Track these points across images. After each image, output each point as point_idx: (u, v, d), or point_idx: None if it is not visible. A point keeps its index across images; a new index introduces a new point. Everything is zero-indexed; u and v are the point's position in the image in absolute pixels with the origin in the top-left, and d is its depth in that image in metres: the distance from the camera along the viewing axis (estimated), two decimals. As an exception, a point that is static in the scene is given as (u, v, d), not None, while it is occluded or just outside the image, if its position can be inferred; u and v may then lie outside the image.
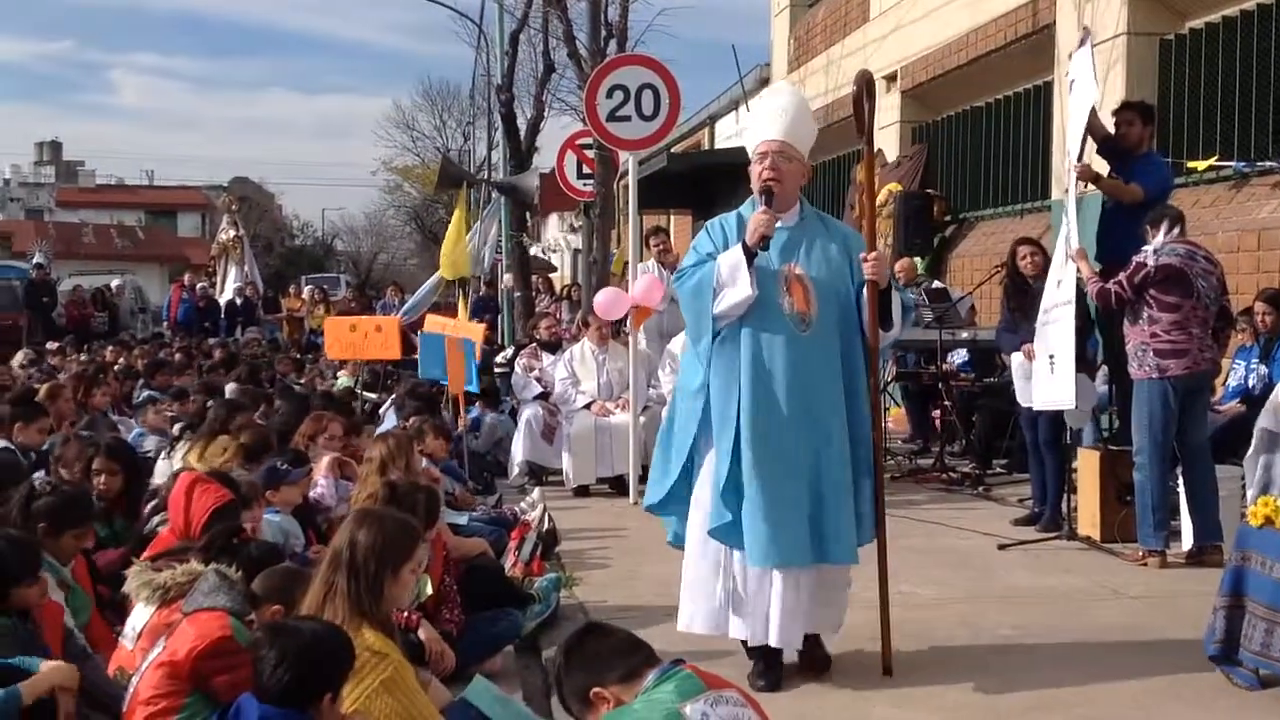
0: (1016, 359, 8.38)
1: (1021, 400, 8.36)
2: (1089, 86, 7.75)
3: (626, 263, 11.18)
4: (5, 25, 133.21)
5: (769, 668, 5.30)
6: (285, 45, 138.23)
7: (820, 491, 5.19)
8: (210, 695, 4.05)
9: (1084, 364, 8.14)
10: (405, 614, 5.28)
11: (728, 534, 5.22)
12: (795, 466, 5.17)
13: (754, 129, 5.46)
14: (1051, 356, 7.64)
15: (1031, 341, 8.10)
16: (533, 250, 28.63)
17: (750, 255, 5.18)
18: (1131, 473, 7.57)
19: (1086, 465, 8.18)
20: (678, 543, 5.58)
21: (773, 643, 5.24)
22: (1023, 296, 8.59)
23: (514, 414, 11.85)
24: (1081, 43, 7.86)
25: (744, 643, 5.38)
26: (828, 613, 5.38)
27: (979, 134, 14.76)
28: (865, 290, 5.30)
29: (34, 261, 28.97)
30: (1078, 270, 7.54)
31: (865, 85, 5.52)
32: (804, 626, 5.30)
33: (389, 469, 6.58)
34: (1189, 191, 10.45)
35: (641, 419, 10.15)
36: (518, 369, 11.62)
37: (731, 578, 5.27)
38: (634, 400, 10.07)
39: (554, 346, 11.81)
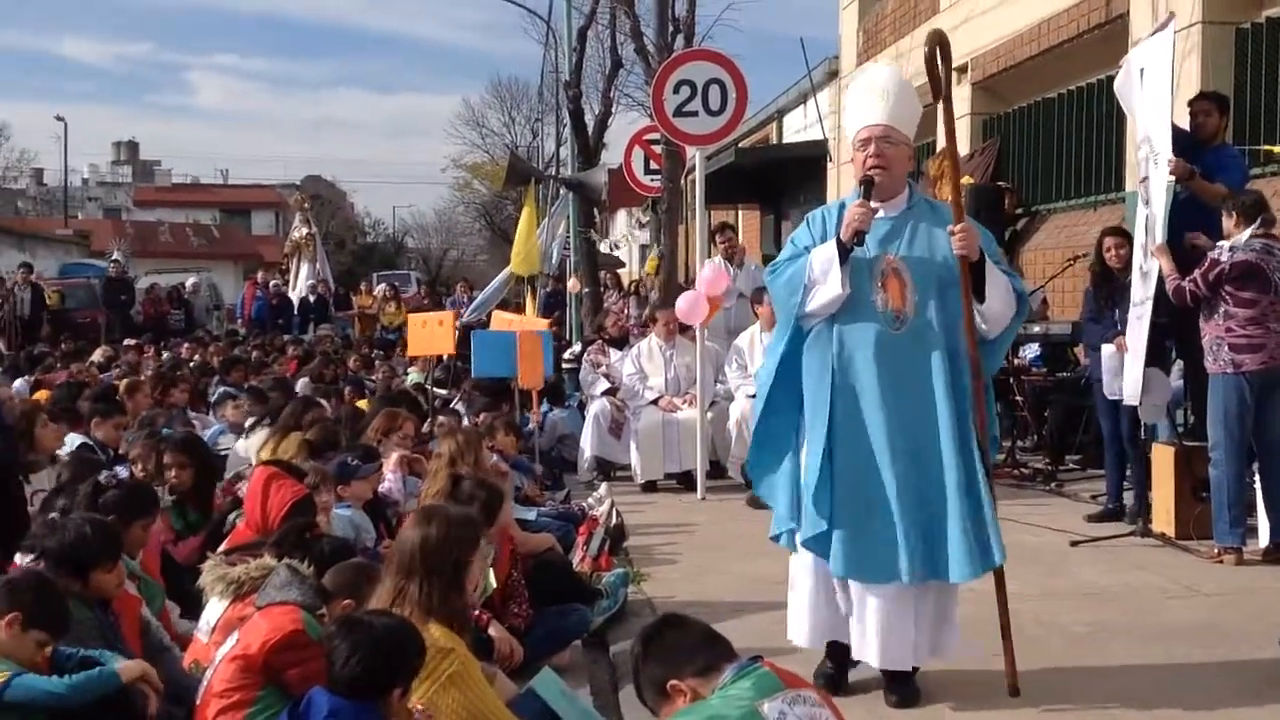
0: (1107, 350, 8.29)
1: (1108, 393, 8.30)
2: (1167, 74, 7.61)
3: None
4: (87, 28, 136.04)
5: (838, 668, 5.10)
6: (358, 45, 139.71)
7: (928, 503, 4.82)
8: (282, 688, 4.11)
9: (1162, 359, 8.08)
10: (476, 613, 5.33)
11: (820, 544, 4.92)
12: (889, 477, 4.81)
13: (854, 113, 5.06)
14: (1137, 350, 7.63)
15: (1119, 332, 8.11)
16: (601, 246, 28.67)
17: (844, 251, 4.84)
18: (1207, 468, 7.47)
19: (1161, 461, 8.07)
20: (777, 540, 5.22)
21: (875, 664, 4.93)
22: (1109, 287, 8.52)
23: (581, 410, 11.89)
24: (1162, 27, 7.73)
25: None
26: (938, 637, 4.97)
27: (1051, 126, 14.56)
28: (958, 268, 4.88)
29: (112, 259, 29.46)
30: (1159, 266, 7.48)
31: (939, 45, 5.04)
32: (914, 649, 4.92)
33: (458, 465, 6.64)
34: (1266, 182, 10.25)
35: (709, 414, 10.15)
36: (585, 365, 11.65)
37: (835, 589, 4.97)
38: (701, 396, 10.06)
39: (621, 342, 11.84)
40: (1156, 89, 7.71)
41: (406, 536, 4.35)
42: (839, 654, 5.11)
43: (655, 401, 10.57)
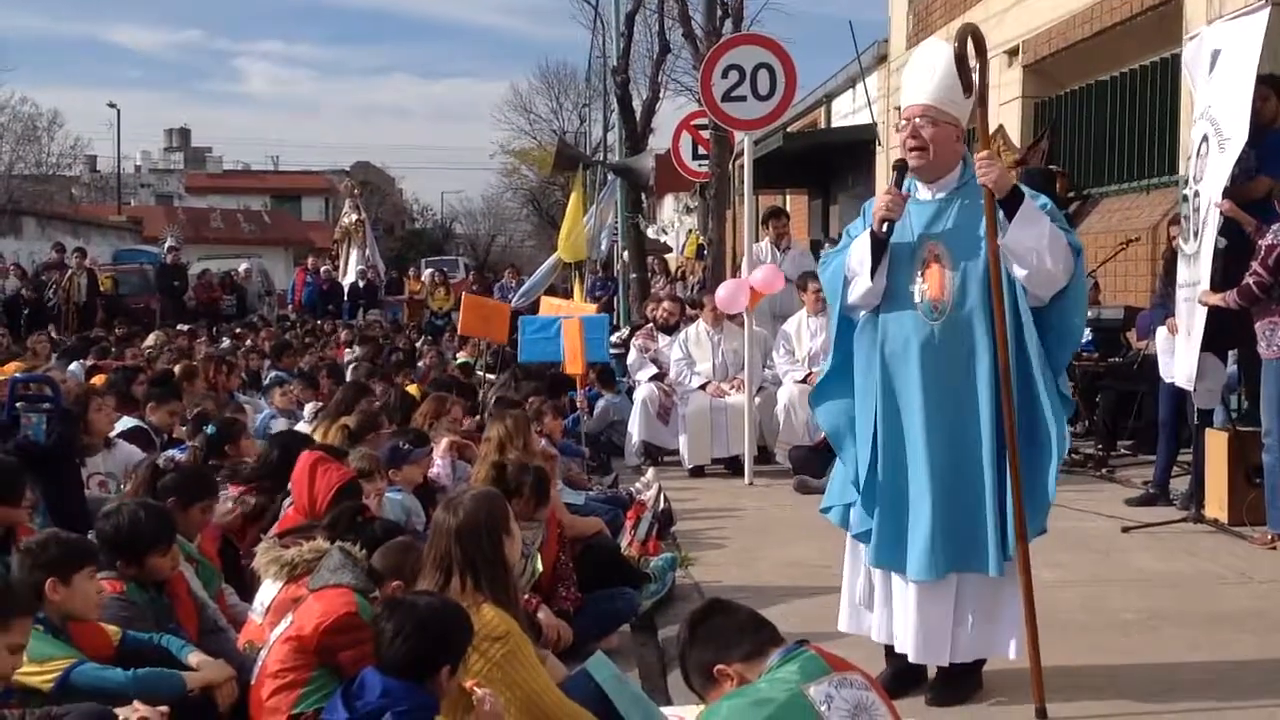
0: (1161, 333, 8.28)
1: (1164, 375, 8.29)
2: (1253, 59, 7.43)
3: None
4: (138, 16, 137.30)
5: (896, 674, 4.92)
6: (407, 31, 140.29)
7: (966, 496, 4.71)
8: (336, 669, 4.17)
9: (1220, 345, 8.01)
10: (525, 597, 5.36)
11: (867, 539, 4.89)
12: (923, 471, 4.71)
13: (903, 92, 4.87)
14: (1190, 333, 7.56)
15: (1170, 314, 8.07)
16: (649, 231, 28.68)
17: (877, 240, 4.67)
18: (1260, 454, 7.39)
19: (1215, 446, 8.00)
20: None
21: (912, 658, 4.83)
22: (1174, 274, 8.47)
23: (630, 394, 11.90)
24: (1251, 10, 7.58)
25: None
26: (983, 633, 4.83)
27: (1103, 109, 14.41)
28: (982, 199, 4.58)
29: (166, 246, 29.72)
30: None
31: (969, 40, 4.62)
32: (951, 645, 4.80)
33: (507, 449, 6.67)
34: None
35: (757, 400, 10.14)
36: (634, 350, 11.66)
37: (870, 577, 4.93)
38: (749, 381, 10.05)
39: (670, 328, 11.83)
40: (1236, 74, 7.44)
41: (439, 529, 4.35)
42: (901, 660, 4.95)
43: (703, 386, 10.57)
